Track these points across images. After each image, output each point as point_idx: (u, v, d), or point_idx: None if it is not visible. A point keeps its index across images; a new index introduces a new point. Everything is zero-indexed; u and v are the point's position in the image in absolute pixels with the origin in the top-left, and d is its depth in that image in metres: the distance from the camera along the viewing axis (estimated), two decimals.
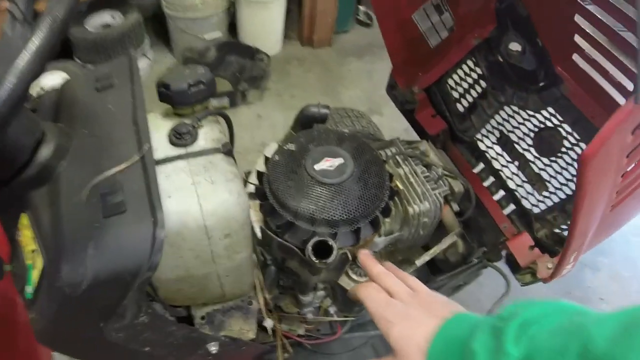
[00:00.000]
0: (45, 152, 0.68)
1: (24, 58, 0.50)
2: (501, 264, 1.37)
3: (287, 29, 3.01)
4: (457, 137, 1.53)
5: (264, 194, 0.99)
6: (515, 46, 1.40)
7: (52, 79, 0.88)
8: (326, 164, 0.99)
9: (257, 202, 1.00)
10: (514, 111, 1.42)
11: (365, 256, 0.73)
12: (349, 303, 1.15)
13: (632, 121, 0.69)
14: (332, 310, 1.21)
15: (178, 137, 0.81)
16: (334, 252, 0.87)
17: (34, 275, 0.64)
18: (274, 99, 2.67)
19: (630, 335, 0.35)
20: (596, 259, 2.30)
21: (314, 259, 0.86)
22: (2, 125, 0.50)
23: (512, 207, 1.40)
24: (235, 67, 2.82)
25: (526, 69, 1.37)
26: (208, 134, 0.83)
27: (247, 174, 1.21)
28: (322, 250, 0.88)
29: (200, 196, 0.73)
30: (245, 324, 0.99)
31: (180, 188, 0.74)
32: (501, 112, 1.45)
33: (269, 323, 1.11)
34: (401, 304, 0.57)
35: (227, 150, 0.81)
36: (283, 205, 0.95)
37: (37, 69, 0.52)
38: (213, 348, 0.86)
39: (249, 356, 1.07)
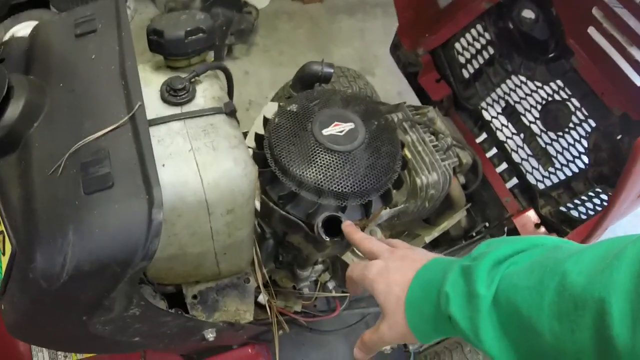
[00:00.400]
0: (12, 111, 0.54)
1: None
2: None
3: None
4: (461, 104, 1.43)
5: (264, 159, 0.87)
6: (528, 13, 1.30)
7: (26, 30, 0.72)
8: (335, 129, 0.87)
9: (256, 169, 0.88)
10: (521, 81, 1.34)
11: (346, 225, 0.70)
12: None
13: None
14: (330, 285, 1.12)
15: (172, 94, 0.67)
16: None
17: (3, 262, 0.51)
18: (261, 54, 2.49)
19: (608, 268, 0.33)
20: None
21: (324, 236, 0.75)
22: None
23: (515, 180, 1.34)
24: (222, 20, 2.60)
25: (537, 38, 1.28)
26: (207, 91, 0.70)
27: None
28: (332, 226, 0.77)
29: (200, 165, 0.61)
30: (242, 304, 0.89)
31: (176, 155, 0.61)
32: (507, 82, 1.37)
33: (261, 299, 1.01)
34: (382, 262, 0.55)
35: (231, 110, 0.68)
36: (286, 172, 0.83)
37: None
38: (210, 335, 0.76)
39: (243, 336, 0.98)
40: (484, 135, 1.41)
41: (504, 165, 1.36)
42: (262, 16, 2.61)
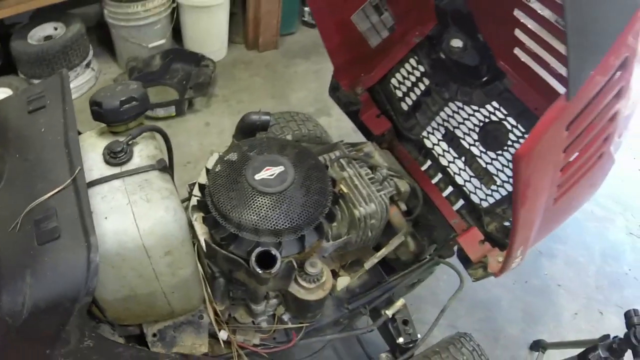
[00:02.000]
0: None
1: None
2: (454, 260, 1.44)
3: (232, 33, 3.03)
4: (404, 135, 1.59)
5: (206, 206, 1.03)
6: (456, 42, 1.47)
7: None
8: (267, 173, 1.04)
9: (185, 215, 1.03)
10: (458, 107, 1.49)
11: None
12: (301, 309, 1.19)
13: (565, 118, 0.76)
14: (285, 317, 1.25)
15: (113, 156, 0.84)
16: (278, 262, 0.91)
17: None
18: (221, 105, 2.69)
19: None
20: (552, 246, 2.43)
21: (258, 270, 0.90)
22: None
23: (461, 202, 1.47)
24: (181, 75, 2.83)
25: (468, 65, 1.45)
26: (143, 151, 0.87)
27: (192, 185, 1.23)
28: (266, 260, 0.93)
29: (136, 216, 0.76)
30: (197, 338, 1.03)
31: (116, 208, 0.77)
32: (446, 109, 1.51)
33: (223, 335, 1.14)
34: None
35: (162, 166, 0.84)
36: (225, 217, 0.99)
37: None
38: None
39: None
40: (429, 163, 1.55)
41: (450, 189, 1.50)
42: (220, 67, 2.84)
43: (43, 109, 0.85)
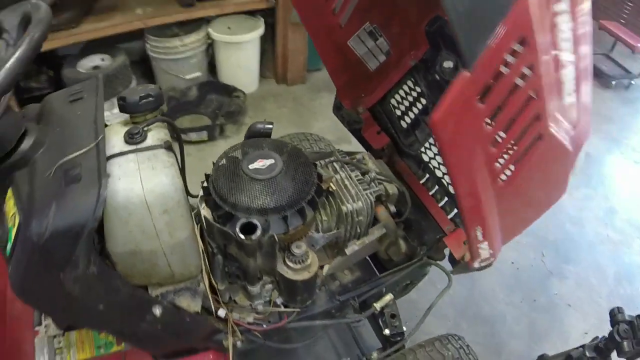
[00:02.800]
0: (26, 144, 0.98)
1: (11, 64, 0.80)
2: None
3: (263, 68, 3.38)
4: (404, 151, 1.79)
5: (209, 191, 1.27)
6: (448, 64, 1.65)
7: None
8: (259, 164, 1.28)
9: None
10: None
11: None
12: (291, 291, 1.38)
13: (472, 88, 0.92)
14: (279, 301, 1.44)
15: (130, 138, 1.09)
16: (258, 230, 1.13)
17: (13, 232, 0.91)
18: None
19: None
20: (562, 267, 2.54)
21: (241, 235, 1.12)
22: None
23: (455, 210, 1.63)
24: (215, 105, 3.17)
25: None
26: (155, 135, 1.12)
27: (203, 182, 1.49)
28: (250, 230, 1.14)
29: (142, 178, 1.00)
30: (192, 301, 1.24)
31: (128, 173, 1.01)
32: None
33: (221, 312, 1.35)
34: None
35: (167, 146, 1.09)
36: (223, 198, 1.23)
37: (20, 70, 0.81)
38: (157, 310, 1.10)
39: (197, 336, 1.30)
40: (427, 176, 1.74)
41: (445, 199, 1.65)
42: (250, 99, 3.17)
43: (81, 99, 1.12)
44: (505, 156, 1.13)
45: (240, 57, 3.18)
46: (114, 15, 2.93)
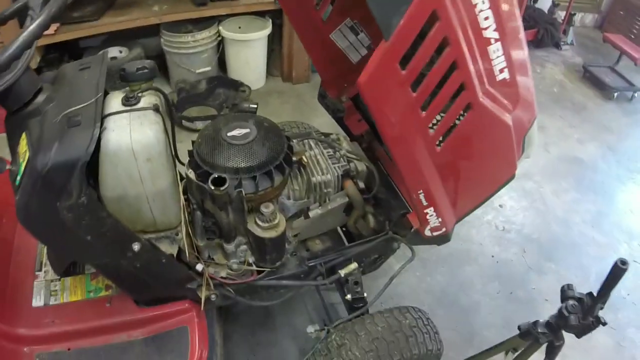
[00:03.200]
0: (40, 98, 1.25)
1: (28, 31, 1.06)
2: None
3: (271, 66, 3.66)
4: (381, 138, 2.02)
5: (193, 154, 1.52)
6: None
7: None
8: (236, 132, 1.52)
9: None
10: None
11: None
12: (261, 249, 1.61)
13: (392, 55, 1.08)
14: (251, 260, 1.67)
15: (126, 100, 1.35)
16: (227, 182, 1.37)
17: (23, 165, 1.17)
18: None
19: None
20: (543, 264, 2.69)
21: (211, 187, 1.36)
22: (23, 51, 1.04)
23: None
24: (223, 98, 3.45)
25: None
26: (147, 100, 1.37)
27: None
28: (219, 183, 1.39)
29: (131, 130, 1.26)
30: (169, 247, 1.48)
31: (120, 126, 1.26)
32: None
33: (199, 267, 1.59)
34: None
35: (156, 108, 1.34)
36: (202, 159, 1.48)
37: (35, 37, 1.07)
38: (136, 246, 1.34)
39: (172, 280, 1.53)
40: None
41: None
42: (256, 95, 3.44)
43: (88, 68, 1.39)
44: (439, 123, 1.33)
45: (248, 54, 3.47)
46: (133, 10, 3.25)
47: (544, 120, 3.83)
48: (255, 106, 1.76)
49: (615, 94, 4.22)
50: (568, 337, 1.55)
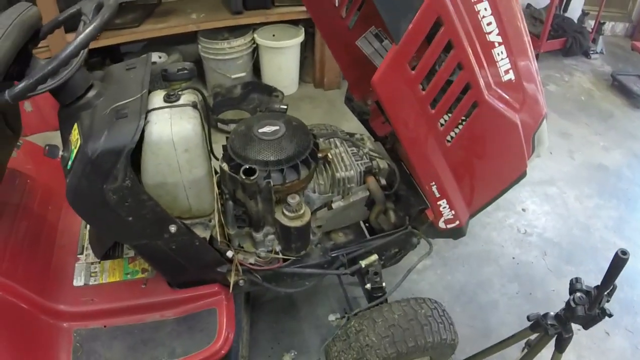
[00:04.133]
0: (91, 93, 1.38)
1: (85, 33, 1.19)
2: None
3: (303, 73, 3.78)
4: None
5: (227, 148, 1.64)
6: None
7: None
8: (267, 128, 1.63)
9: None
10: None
11: None
12: (286, 238, 1.71)
13: (401, 57, 1.19)
14: (278, 249, 1.77)
15: (167, 98, 1.47)
16: (257, 173, 1.48)
17: (75, 151, 1.30)
18: None
19: None
20: (563, 267, 2.71)
21: (242, 175, 1.47)
22: (77, 53, 1.17)
23: None
24: (257, 103, 3.58)
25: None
26: (186, 97, 1.49)
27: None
28: (250, 173, 1.49)
29: (172, 123, 1.38)
30: (202, 232, 1.59)
31: (162, 120, 1.39)
32: None
33: (229, 253, 1.70)
34: None
35: (194, 105, 1.46)
36: (235, 153, 1.59)
37: (91, 38, 1.20)
38: (173, 228, 1.45)
39: (205, 262, 1.64)
40: None
41: None
42: (289, 100, 3.57)
43: (134, 68, 1.52)
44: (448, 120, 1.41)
45: (282, 61, 3.60)
46: (171, 18, 3.42)
47: (569, 128, 3.83)
48: (285, 107, 1.86)
49: None
50: (584, 338, 1.58)
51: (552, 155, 3.52)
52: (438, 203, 1.59)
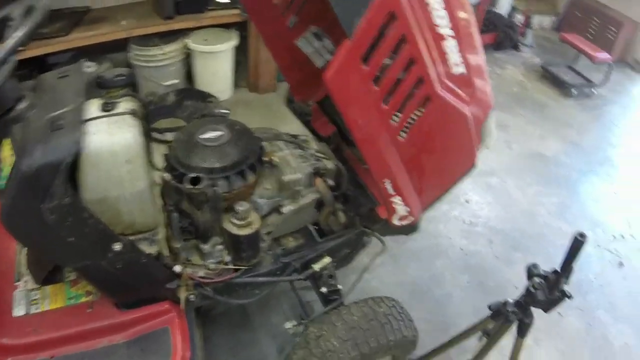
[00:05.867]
0: (22, 105, 1.35)
1: (19, 34, 1.16)
2: None
3: (238, 78, 3.79)
4: (348, 139, 2.15)
5: (169, 157, 1.63)
6: (387, 61, 2.02)
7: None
8: (210, 134, 1.64)
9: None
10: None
11: None
12: (236, 247, 1.71)
13: (354, 52, 1.22)
14: (228, 259, 1.77)
15: (105, 106, 1.45)
16: (203, 182, 1.48)
17: (7, 170, 1.26)
18: None
19: None
20: (511, 254, 2.87)
21: (188, 185, 1.47)
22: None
23: None
24: (191, 109, 3.54)
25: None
26: (124, 105, 1.47)
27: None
28: (195, 182, 1.50)
29: (111, 134, 1.36)
30: (149, 247, 1.58)
31: (100, 130, 1.36)
32: None
33: (177, 268, 1.68)
34: None
35: (133, 112, 1.45)
36: (179, 162, 1.59)
37: (25, 41, 1.18)
38: (117, 246, 1.42)
39: (153, 280, 1.62)
40: None
41: None
42: (224, 104, 3.55)
43: (67, 77, 1.49)
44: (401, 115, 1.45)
45: (216, 66, 3.60)
46: (101, 26, 3.35)
47: (506, 119, 4.05)
48: (228, 111, 1.88)
49: (574, 92, 4.47)
50: (539, 321, 1.68)
51: (491, 147, 3.68)
52: (392, 200, 1.64)
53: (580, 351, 2.46)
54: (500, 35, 5.01)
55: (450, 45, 1.39)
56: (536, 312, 1.65)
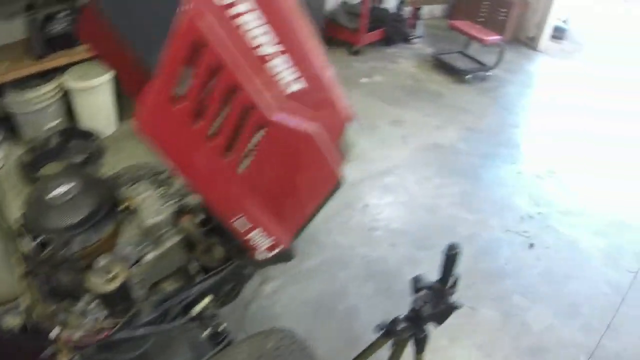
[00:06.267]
0: None
1: None
2: None
3: (123, 110, 3.72)
4: None
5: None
6: None
7: None
8: (57, 191, 1.58)
9: None
10: None
11: None
12: (108, 303, 1.66)
13: (165, 91, 1.11)
14: (102, 317, 1.71)
15: None
16: (50, 246, 1.43)
17: None
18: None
19: None
20: (415, 254, 2.87)
21: (34, 253, 1.42)
22: None
23: None
24: (77, 149, 3.44)
25: None
26: None
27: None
28: (42, 248, 1.45)
29: None
30: (13, 319, 1.50)
31: None
32: None
33: (53, 333, 1.61)
34: None
35: None
36: (29, 227, 1.55)
37: None
38: None
39: (23, 355, 1.55)
40: None
41: None
42: (109, 140, 3.50)
43: None
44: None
45: (96, 101, 3.49)
46: None
47: (401, 115, 4.12)
48: (87, 155, 1.82)
49: (469, 77, 4.64)
50: (451, 319, 1.64)
51: (386, 144, 3.74)
52: (250, 236, 1.61)
53: (500, 342, 2.45)
54: (388, 30, 5.11)
55: (280, 63, 1.28)
56: None
